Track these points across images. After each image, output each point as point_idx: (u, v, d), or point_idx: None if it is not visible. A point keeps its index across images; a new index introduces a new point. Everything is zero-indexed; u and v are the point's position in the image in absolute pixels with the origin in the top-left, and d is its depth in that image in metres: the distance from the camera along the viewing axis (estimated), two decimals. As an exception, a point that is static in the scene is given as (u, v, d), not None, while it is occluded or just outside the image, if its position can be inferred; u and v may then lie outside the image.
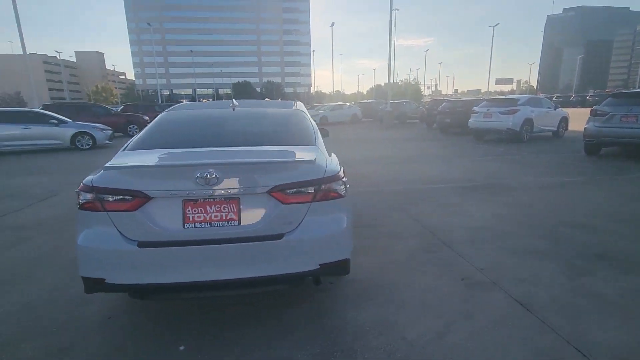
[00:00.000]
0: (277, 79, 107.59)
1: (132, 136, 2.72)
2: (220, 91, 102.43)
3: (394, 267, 3.04)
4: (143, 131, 2.77)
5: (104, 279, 1.93)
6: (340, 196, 2.13)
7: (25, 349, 2.09)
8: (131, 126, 16.82)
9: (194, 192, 1.93)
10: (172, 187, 1.93)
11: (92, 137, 12.10)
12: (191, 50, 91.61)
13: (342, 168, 2.30)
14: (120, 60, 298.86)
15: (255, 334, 2.19)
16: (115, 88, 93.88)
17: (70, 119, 12.86)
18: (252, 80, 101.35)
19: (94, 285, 1.96)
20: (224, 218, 1.96)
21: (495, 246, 3.42)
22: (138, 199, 1.92)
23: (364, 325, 2.24)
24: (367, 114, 25.81)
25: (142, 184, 1.93)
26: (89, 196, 1.96)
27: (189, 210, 1.94)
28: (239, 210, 1.97)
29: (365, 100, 32.53)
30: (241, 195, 1.97)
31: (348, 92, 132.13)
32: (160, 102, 53.80)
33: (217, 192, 1.94)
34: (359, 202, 4.96)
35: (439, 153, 9.87)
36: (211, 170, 1.91)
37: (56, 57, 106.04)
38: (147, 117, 17.53)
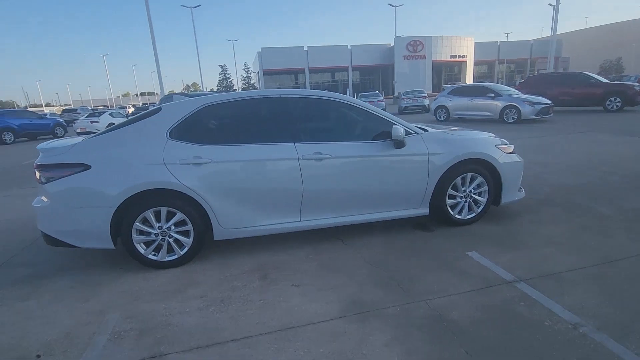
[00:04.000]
0: None
1: (611, 111, 2.38)
2: None
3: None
4: None
5: None
6: (43, 182, 2.72)
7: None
8: (612, 99, 13.11)
9: None
10: None
11: (518, 111, 11.88)
12: None
13: (52, 164, 2.70)
14: None
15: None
16: None
17: (550, 90, 13.37)
18: None
19: None
20: None
21: None
22: None
23: None
24: None
25: None
26: None
27: None
28: None
29: None
30: None
31: None
32: None
33: None
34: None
35: None
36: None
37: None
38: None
